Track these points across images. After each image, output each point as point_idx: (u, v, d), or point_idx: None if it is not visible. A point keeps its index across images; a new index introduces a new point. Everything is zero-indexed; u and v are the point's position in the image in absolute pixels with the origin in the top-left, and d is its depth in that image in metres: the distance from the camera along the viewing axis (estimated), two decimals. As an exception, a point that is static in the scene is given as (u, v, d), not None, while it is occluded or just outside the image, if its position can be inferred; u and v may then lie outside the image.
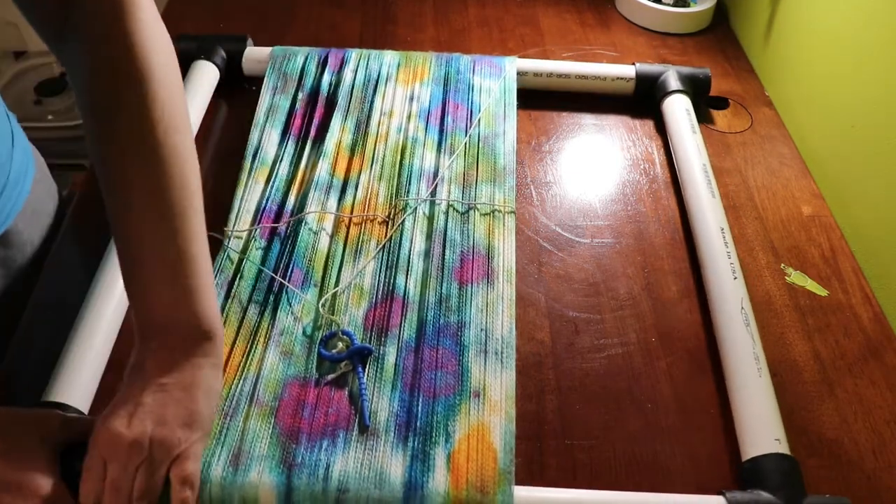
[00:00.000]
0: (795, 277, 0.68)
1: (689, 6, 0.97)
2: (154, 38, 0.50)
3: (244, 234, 0.66)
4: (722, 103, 0.87)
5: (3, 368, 0.60)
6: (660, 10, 0.97)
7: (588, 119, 0.84)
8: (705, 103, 0.86)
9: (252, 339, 0.59)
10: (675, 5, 0.97)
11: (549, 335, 0.63)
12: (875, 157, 0.70)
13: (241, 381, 0.56)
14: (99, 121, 0.49)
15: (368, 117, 0.78)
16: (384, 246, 0.66)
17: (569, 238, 0.71)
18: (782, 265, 0.69)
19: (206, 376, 0.49)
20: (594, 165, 0.79)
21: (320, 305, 0.61)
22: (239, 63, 0.85)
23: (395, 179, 0.72)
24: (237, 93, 0.85)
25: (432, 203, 0.69)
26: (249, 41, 0.87)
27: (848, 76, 0.75)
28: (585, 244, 0.71)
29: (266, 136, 0.76)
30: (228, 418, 0.53)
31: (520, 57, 0.92)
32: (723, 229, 0.68)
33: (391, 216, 0.68)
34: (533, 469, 0.54)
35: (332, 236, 0.66)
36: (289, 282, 0.62)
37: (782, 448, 0.53)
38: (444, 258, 0.65)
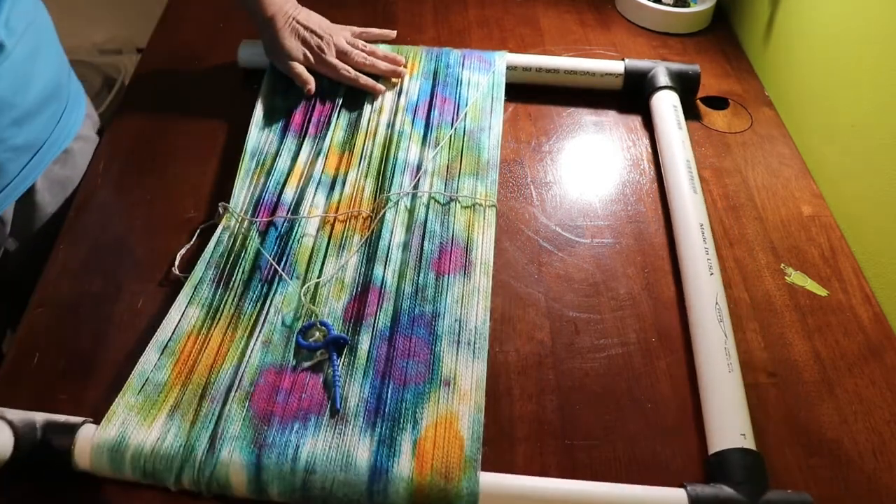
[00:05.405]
0: (795, 277, 0.68)
1: (689, 6, 0.97)
2: None
3: (242, 224, 0.67)
4: (722, 103, 0.87)
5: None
6: (660, 10, 0.97)
7: (588, 119, 0.84)
8: (692, 100, 0.85)
9: (243, 328, 0.59)
10: (675, 5, 0.97)
11: (550, 335, 0.63)
12: (875, 156, 0.70)
13: (228, 369, 0.56)
14: None
15: (360, 114, 0.79)
16: (367, 240, 0.66)
17: (569, 238, 0.71)
18: (782, 265, 0.69)
19: None
20: (594, 165, 0.79)
21: (302, 293, 0.61)
22: None
23: (381, 174, 0.72)
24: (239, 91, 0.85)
25: (414, 196, 0.70)
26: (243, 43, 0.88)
27: (848, 76, 0.75)
28: (585, 244, 0.71)
29: (265, 134, 0.77)
30: (214, 403, 0.54)
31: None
32: (702, 225, 0.68)
33: (375, 211, 0.69)
34: (533, 469, 0.54)
35: (317, 233, 0.67)
36: (277, 275, 0.63)
37: (747, 443, 0.53)
38: (422, 249, 0.65)
